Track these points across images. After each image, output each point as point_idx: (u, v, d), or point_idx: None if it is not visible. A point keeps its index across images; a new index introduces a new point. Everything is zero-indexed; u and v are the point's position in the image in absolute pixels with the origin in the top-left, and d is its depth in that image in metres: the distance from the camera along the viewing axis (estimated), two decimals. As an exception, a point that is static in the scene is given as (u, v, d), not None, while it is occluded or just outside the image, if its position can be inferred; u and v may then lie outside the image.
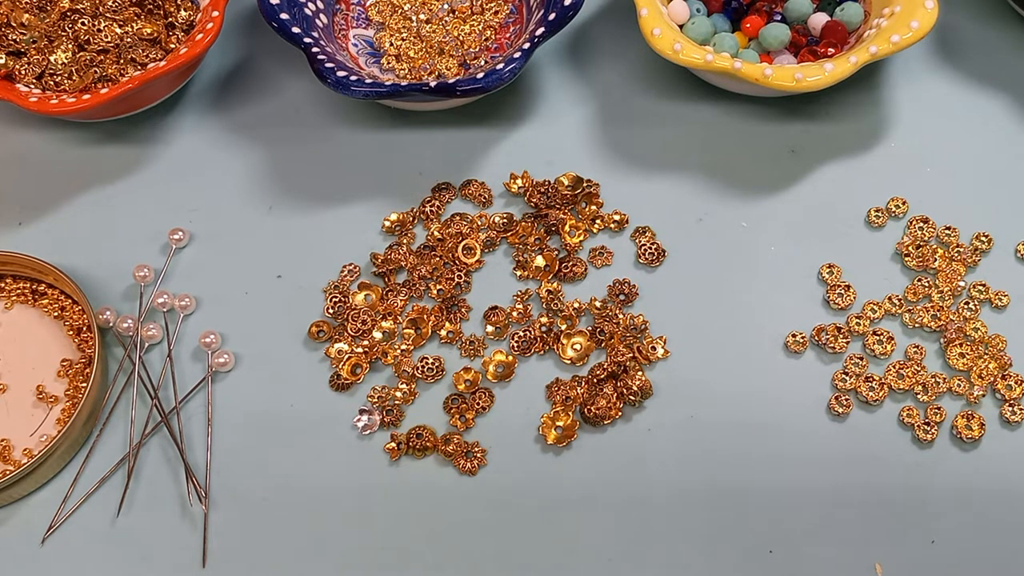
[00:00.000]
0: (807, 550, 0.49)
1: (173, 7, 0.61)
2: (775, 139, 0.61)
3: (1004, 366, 0.53)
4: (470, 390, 0.53)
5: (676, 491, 0.50)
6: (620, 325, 0.54)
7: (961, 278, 0.55)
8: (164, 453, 0.52)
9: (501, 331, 0.55)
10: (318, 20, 0.63)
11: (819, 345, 0.54)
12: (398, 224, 0.58)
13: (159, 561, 0.49)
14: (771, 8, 0.62)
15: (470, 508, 0.50)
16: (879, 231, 0.58)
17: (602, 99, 0.63)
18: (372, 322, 0.55)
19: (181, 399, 0.53)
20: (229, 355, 0.54)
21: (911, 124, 0.61)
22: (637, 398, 0.52)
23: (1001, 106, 0.62)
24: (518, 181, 0.59)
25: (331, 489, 0.51)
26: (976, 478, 0.50)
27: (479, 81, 0.56)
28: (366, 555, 0.49)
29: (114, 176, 0.61)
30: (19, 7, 0.59)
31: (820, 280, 0.56)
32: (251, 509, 0.50)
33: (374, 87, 0.56)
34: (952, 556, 0.48)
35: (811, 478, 0.50)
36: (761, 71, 0.56)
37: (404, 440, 0.52)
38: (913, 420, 0.51)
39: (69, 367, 0.54)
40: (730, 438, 0.51)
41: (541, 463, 0.51)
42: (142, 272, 0.56)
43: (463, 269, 0.57)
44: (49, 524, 0.50)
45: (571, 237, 0.57)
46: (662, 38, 0.57)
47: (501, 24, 0.65)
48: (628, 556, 0.49)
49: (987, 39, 0.65)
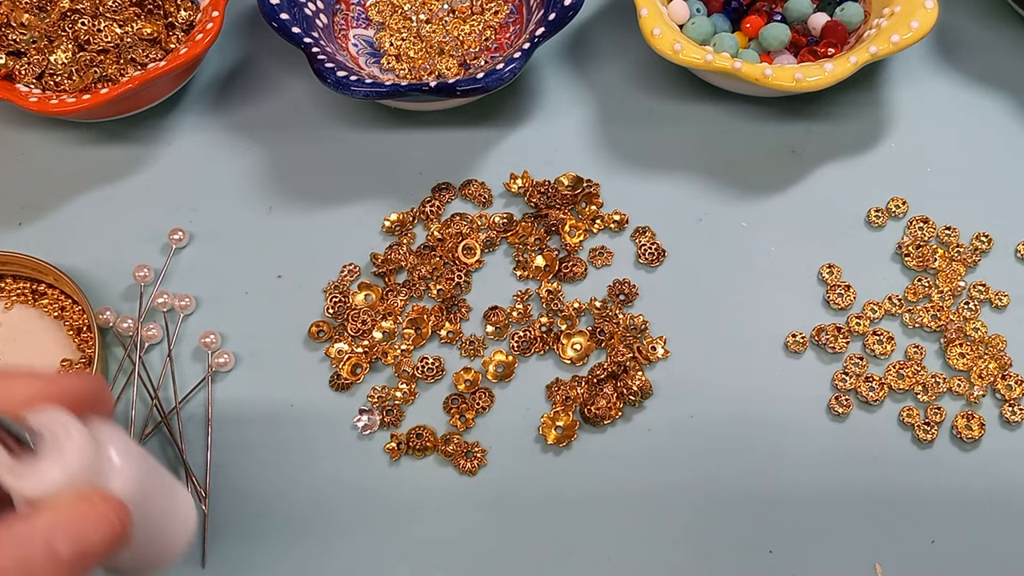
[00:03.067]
0: (807, 550, 0.49)
1: (173, 7, 0.61)
2: (775, 139, 0.61)
3: (1004, 366, 0.53)
4: (470, 390, 0.53)
5: (676, 491, 0.50)
6: (620, 325, 0.54)
7: (961, 278, 0.55)
8: (164, 453, 0.52)
9: (501, 331, 0.55)
10: (318, 20, 0.63)
11: (819, 345, 0.54)
12: (398, 224, 0.58)
13: (159, 561, 0.49)
14: (771, 8, 0.62)
15: (470, 508, 0.50)
16: (879, 231, 0.58)
17: (602, 99, 0.63)
18: (372, 322, 0.55)
19: (181, 399, 0.53)
20: (229, 355, 0.54)
21: (911, 124, 0.61)
22: (637, 398, 0.52)
23: (1001, 106, 0.62)
24: (518, 181, 0.59)
25: (331, 489, 0.51)
26: (976, 478, 0.50)
27: (479, 81, 0.56)
28: (366, 555, 0.49)
29: (114, 176, 0.61)
30: (19, 7, 0.59)
31: (820, 280, 0.56)
32: (251, 509, 0.50)
33: (374, 87, 0.56)
34: (952, 556, 0.48)
35: (811, 478, 0.50)
36: (761, 71, 0.56)
37: (404, 440, 0.52)
38: (913, 420, 0.51)
39: (69, 367, 0.54)
40: (730, 438, 0.51)
41: (541, 463, 0.51)
42: (142, 272, 0.57)
43: (463, 269, 0.57)
44: (49, 524, 0.50)
45: (571, 237, 0.57)
46: (662, 38, 0.57)
47: (501, 24, 0.65)
48: (628, 556, 0.49)
49: (987, 39, 0.65)
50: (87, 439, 0.35)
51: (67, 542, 0.34)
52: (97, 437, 0.36)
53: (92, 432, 0.36)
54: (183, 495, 0.41)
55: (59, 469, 0.35)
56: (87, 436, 0.35)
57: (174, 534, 0.41)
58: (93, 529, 0.35)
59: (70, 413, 0.35)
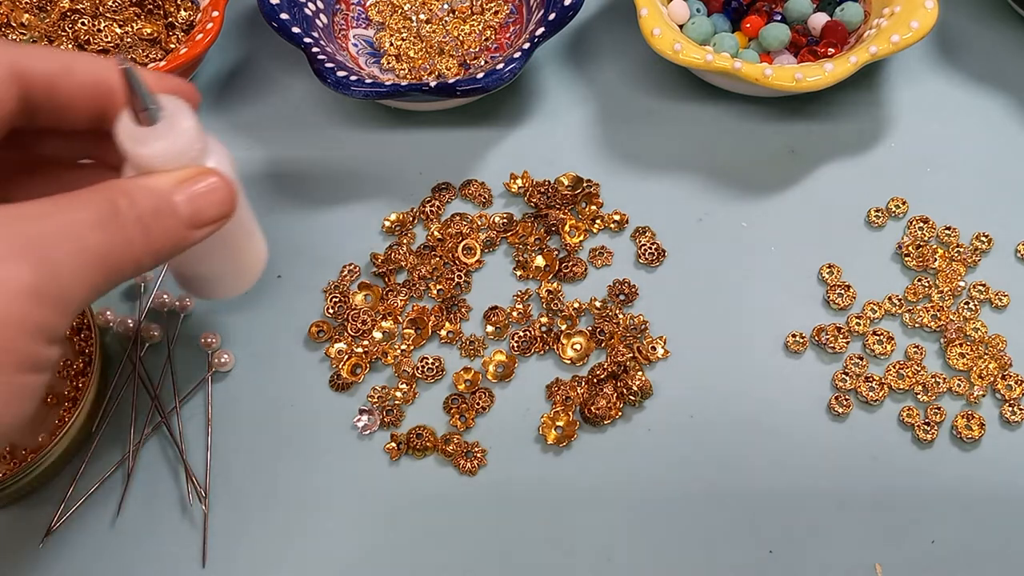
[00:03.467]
0: (807, 550, 0.49)
1: (173, 7, 0.61)
2: (775, 139, 0.61)
3: (1004, 366, 0.53)
4: (470, 390, 0.53)
5: (676, 491, 0.50)
6: (620, 325, 0.54)
7: (961, 278, 0.55)
8: (164, 453, 0.52)
9: (501, 331, 0.55)
10: (318, 20, 0.63)
11: (819, 345, 0.54)
12: (398, 224, 0.58)
13: (159, 561, 0.49)
14: (771, 8, 0.62)
15: (470, 508, 0.50)
16: (879, 231, 0.58)
17: (602, 99, 0.63)
18: (372, 322, 0.55)
19: (181, 399, 0.53)
20: (229, 355, 0.54)
21: (911, 124, 0.61)
22: (637, 398, 0.52)
23: (1001, 106, 0.62)
24: (518, 181, 0.59)
25: (331, 489, 0.51)
26: (976, 478, 0.50)
27: (479, 81, 0.56)
28: (366, 555, 0.49)
29: (114, 176, 0.61)
30: (19, 7, 0.59)
31: (820, 280, 0.56)
32: (251, 509, 0.50)
33: (374, 87, 0.56)
34: (952, 556, 0.48)
35: (811, 478, 0.50)
36: (761, 71, 0.56)
37: (404, 440, 0.52)
38: (913, 420, 0.51)
39: (69, 367, 0.54)
40: (730, 438, 0.51)
41: (541, 463, 0.51)
42: (142, 272, 0.56)
43: (463, 269, 0.57)
44: (49, 524, 0.50)
45: (571, 237, 0.57)
46: (662, 38, 0.57)
47: (501, 24, 0.65)
48: (628, 556, 0.49)
49: (987, 39, 0.65)
50: (198, 124, 0.40)
51: (186, 200, 0.37)
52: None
53: None
54: (258, 228, 0.48)
55: (176, 140, 0.39)
56: (198, 122, 0.40)
57: (252, 257, 0.48)
58: (208, 193, 0.38)
59: (185, 101, 0.40)
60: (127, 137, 0.39)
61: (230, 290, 0.49)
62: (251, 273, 0.49)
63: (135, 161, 0.40)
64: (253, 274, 0.49)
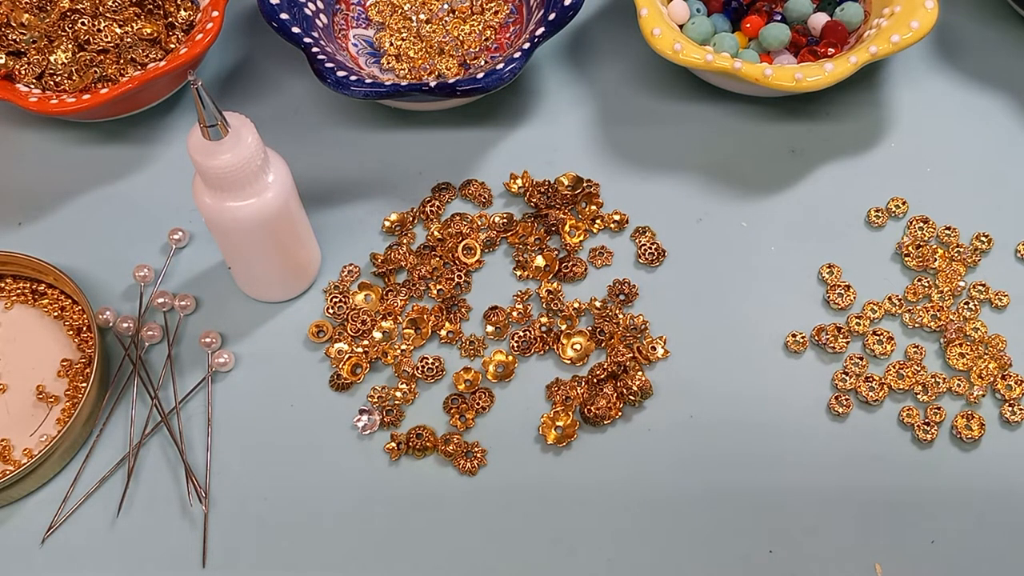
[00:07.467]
0: (807, 550, 0.49)
1: (173, 7, 0.61)
2: (775, 139, 0.61)
3: (1004, 366, 0.53)
4: (470, 390, 0.53)
5: (676, 491, 0.50)
6: (620, 325, 0.54)
7: (961, 278, 0.55)
8: (164, 453, 0.52)
9: (501, 331, 0.55)
10: (318, 20, 0.63)
11: (819, 345, 0.54)
12: (398, 224, 0.58)
13: (159, 561, 0.49)
14: (771, 8, 0.62)
15: (470, 508, 0.50)
16: (879, 231, 0.58)
17: (602, 99, 0.63)
18: (372, 322, 0.55)
19: (181, 399, 0.53)
20: (229, 355, 0.54)
21: (911, 124, 0.61)
22: (637, 398, 0.52)
23: (1001, 106, 0.62)
24: (518, 181, 0.59)
25: (331, 489, 0.51)
26: (976, 478, 0.50)
27: (479, 81, 0.56)
28: (366, 555, 0.49)
29: (114, 176, 0.61)
30: (19, 7, 0.59)
31: (820, 280, 0.56)
32: (251, 509, 0.50)
33: (374, 87, 0.56)
34: (952, 556, 0.48)
35: (811, 478, 0.50)
36: (761, 71, 0.56)
37: (404, 440, 0.52)
38: (913, 420, 0.51)
39: (69, 367, 0.54)
40: (730, 438, 0.51)
41: (541, 463, 0.51)
42: (142, 272, 0.57)
43: (463, 269, 0.57)
44: (49, 524, 0.50)
45: (571, 237, 0.57)
46: (662, 38, 0.57)
47: (501, 24, 0.65)
48: (628, 556, 0.49)
49: (987, 39, 0.65)
50: (259, 138, 0.46)
51: None
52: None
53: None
54: (314, 240, 0.55)
55: (239, 154, 0.45)
56: (260, 140, 0.46)
57: (303, 263, 0.54)
58: None
59: (249, 119, 0.46)
60: (196, 150, 0.44)
61: (281, 293, 0.55)
62: (303, 278, 0.55)
63: (203, 172, 0.45)
64: (305, 278, 0.55)
